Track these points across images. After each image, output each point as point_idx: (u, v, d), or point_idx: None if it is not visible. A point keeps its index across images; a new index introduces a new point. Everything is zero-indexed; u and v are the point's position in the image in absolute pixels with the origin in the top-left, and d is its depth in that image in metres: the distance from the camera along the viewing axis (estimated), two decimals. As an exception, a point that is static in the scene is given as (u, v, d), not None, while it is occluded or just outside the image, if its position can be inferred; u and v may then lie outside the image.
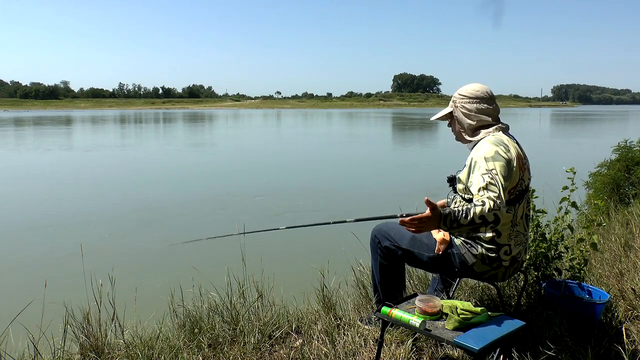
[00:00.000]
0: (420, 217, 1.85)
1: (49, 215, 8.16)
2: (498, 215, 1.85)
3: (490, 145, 2.05)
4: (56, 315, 2.36)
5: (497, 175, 1.93)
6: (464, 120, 2.21)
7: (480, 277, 2.17)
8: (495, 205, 1.84)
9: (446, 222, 1.86)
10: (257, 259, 3.20)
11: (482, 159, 2.00)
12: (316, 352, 2.27)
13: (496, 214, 1.85)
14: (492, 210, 1.84)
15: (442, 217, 1.86)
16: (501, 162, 1.97)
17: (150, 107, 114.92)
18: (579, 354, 2.09)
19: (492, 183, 1.90)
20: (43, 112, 77.75)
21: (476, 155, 2.05)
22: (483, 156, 2.01)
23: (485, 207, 1.84)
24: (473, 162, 2.05)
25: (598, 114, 78.31)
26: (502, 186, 1.90)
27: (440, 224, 1.87)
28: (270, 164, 15.40)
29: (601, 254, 3.41)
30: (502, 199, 1.87)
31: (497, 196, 1.87)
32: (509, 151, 2.04)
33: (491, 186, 1.90)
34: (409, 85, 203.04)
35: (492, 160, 1.98)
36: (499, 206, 1.85)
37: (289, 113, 79.79)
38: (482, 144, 2.09)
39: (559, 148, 21.08)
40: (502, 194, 1.88)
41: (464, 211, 1.85)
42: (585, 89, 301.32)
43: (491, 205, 1.84)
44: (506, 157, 2.00)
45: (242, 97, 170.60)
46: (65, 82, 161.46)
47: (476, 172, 1.99)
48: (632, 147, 6.05)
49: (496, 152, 2.01)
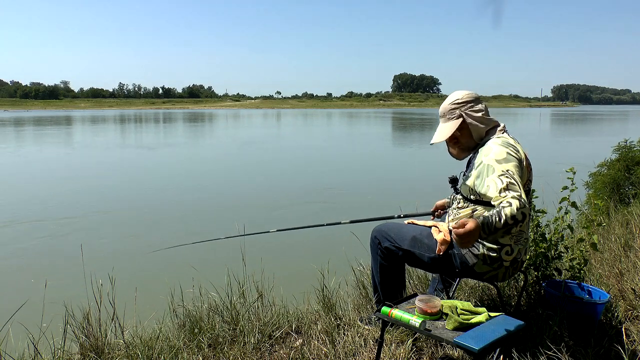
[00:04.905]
0: (467, 232, 1.75)
1: (50, 214, 8.16)
2: (525, 213, 1.83)
3: (499, 147, 2.04)
4: (56, 315, 2.37)
5: (514, 175, 1.92)
6: (479, 125, 2.18)
7: (480, 277, 2.17)
8: (521, 204, 1.82)
9: (485, 230, 1.80)
10: (257, 259, 3.20)
11: (495, 162, 1.98)
12: (316, 352, 2.27)
13: (524, 212, 1.82)
14: (520, 209, 1.81)
15: (480, 226, 1.78)
16: (514, 163, 1.97)
17: (150, 107, 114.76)
18: (579, 354, 2.09)
19: (512, 183, 1.89)
20: (43, 112, 77.71)
21: (487, 158, 2.03)
22: (495, 159, 1.99)
23: (513, 207, 1.81)
24: (484, 165, 2.02)
25: (598, 114, 78.32)
26: (521, 185, 1.90)
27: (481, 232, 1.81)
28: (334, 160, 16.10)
29: (601, 254, 3.41)
30: (524, 198, 1.85)
31: (520, 195, 1.85)
32: (518, 152, 2.05)
33: (512, 186, 1.88)
34: (409, 85, 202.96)
35: (504, 162, 1.97)
36: (525, 204, 1.83)
37: (290, 113, 79.72)
38: (491, 146, 2.08)
39: (559, 148, 21.09)
40: (523, 193, 1.87)
41: (496, 214, 1.81)
42: (585, 89, 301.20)
43: (518, 204, 1.81)
44: (517, 157, 2.01)
45: (242, 97, 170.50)
46: (65, 82, 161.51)
47: (491, 176, 1.96)
48: (632, 147, 6.04)
49: (507, 153, 2.01)
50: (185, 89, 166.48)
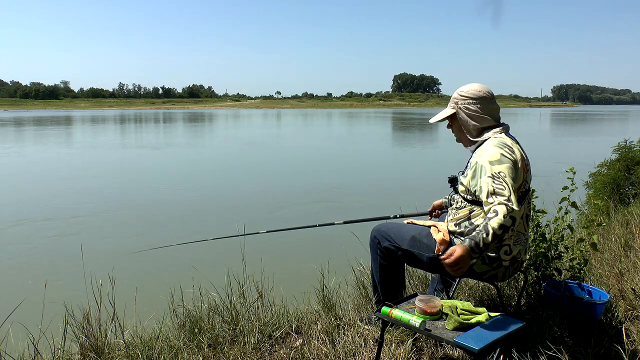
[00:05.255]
0: (456, 260, 1.79)
1: (49, 212, 8.16)
2: (514, 216, 1.85)
3: (494, 148, 2.05)
4: (56, 315, 2.37)
5: (506, 177, 1.93)
6: (469, 122, 2.19)
7: (480, 277, 2.17)
8: (508, 209, 1.84)
9: (475, 251, 1.82)
10: (257, 259, 3.20)
11: (488, 163, 1.99)
12: (316, 352, 2.27)
13: (512, 215, 1.84)
14: (507, 214, 1.83)
15: (469, 250, 1.81)
16: (508, 164, 1.98)
17: (150, 107, 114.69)
18: (579, 354, 2.09)
19: (500, 187, 1.91)
20: (43, 112, 77.69)
21: (481, 159, 2.04)
22: (488, 160, 2.00)
23: (500, 215, 1.82)
24: (478, 166, 2.03)
25: (598, 114, 78.30)
26: (512, 188, 1.91)
27: (471, 254, 1.82)
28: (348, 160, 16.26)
29: (601, 254, 3.41)
30: (512, 201, 1.87)
31: (507, 199, 1.87)
32: (513, 153, 2.04)
33: (499, 190, 1.90)
34: (409, 85, 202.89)
35: (497, 163, 1.98)
36: (512, 208, 1.85)
37: (290, 113, 79.71)
38: (486, 147, 2.08)
39: (559, 148, 21.08)
40: (512, 196, 1.88)
41: (483, 230, 1.82)
42: (585, 89, 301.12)
43: (505, 211, 1.83)
44: (512, 158, 2.01)
45: (242, 97, 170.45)
46: (65, 82, 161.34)
47: (483, 177, 1.98)
48: (632, 147, 6.04)
49: (501, 154, 2.01)
50: (185, 89, 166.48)
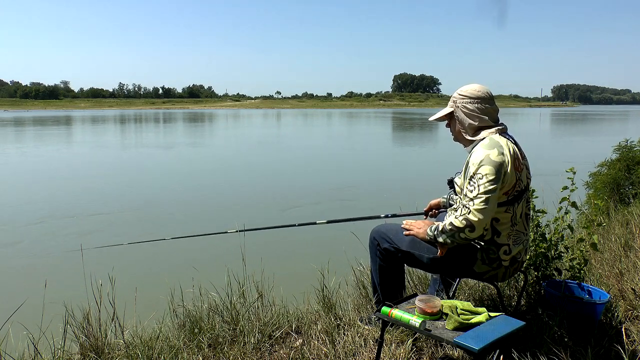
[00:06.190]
0: (412, 225, 2.17)
1: (50, 214, 8.16)
2: (468, 218, 1.98)
3: (483, 149, 2.07)
4: (56, 315, 2.36)
5: (482, 179, 1.99)
6: (466, 121, 2.21)
7: (480, 277, 2.18)
8: (464, 211, 2.00)
9: (430, 232, 2.12)
10: (257, 259, 3.20)
11: (473, 165, 2.05)
12: (316, 352, 2.27)
13: (465, 217, 1.98)
14: (459, 216, 2.01)
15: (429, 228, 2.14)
16: (489, 166, 2.00)
17: (150, 107, 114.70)
18: (579, 354, 2.09)
19: (470, 188, 2.02)
20: (43, 112, 77.70)
21: (470, 160, 2.09)
22: (474, 161, 2.06)
23: (457, 214, 2.02)
24: (469, 168, 2.08)
25: (598, 114, 78.31)
26: (485, 190, 1.97)
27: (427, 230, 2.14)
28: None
29: (601, 254, 3.40)
30: (479, 207, 1.97)
31: (473, 203, 1.98)
32: (503, 154, 2.04)
33: (468, 192, 2.03)
34: (409, 85, 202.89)
35: (481, 164, 2.02)
36: (469, 210, 1.98)
37: (290, 113, 79.70)
38: (477, 148, 2.11)
39: (559, 148, 21.09)
40: (476, 200, 1.97)
41: (446, 221, 2.05)
42: (585, 89, 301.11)
43: (463, 212, 2.00)
44: (497, 160, 2.02)
45: (242, 97, 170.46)
46: (65, 82, 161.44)
47: (468, 179, 2.06)
48: (633, 147, 6.04)
49: (487, 155, 2.03)
50: (185, 89, 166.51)
